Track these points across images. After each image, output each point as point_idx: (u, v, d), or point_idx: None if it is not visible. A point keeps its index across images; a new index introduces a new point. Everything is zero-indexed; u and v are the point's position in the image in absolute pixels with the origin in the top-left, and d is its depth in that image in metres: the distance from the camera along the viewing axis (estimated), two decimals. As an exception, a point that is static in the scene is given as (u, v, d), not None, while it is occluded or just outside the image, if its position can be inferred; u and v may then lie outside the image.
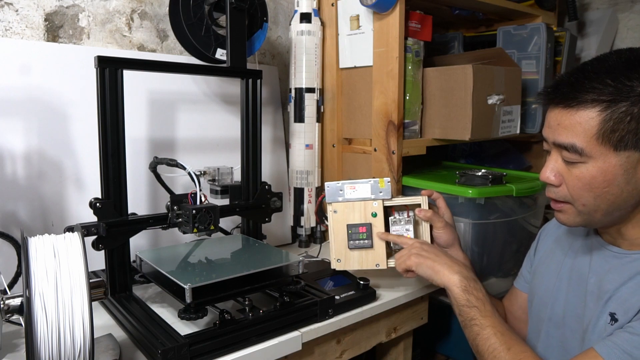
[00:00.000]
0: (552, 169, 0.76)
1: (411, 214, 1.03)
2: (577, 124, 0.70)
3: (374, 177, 1.03)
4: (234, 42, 1.11)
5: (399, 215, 1.03)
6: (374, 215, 1.02)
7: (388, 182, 1.01)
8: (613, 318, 0.73)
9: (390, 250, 1.06)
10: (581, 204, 0.74)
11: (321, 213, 1.34)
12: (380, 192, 1.01)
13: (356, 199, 1.02)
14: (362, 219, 1.02)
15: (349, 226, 1.02)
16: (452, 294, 0.88)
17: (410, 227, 1.02)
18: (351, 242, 1.02)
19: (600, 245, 0.82)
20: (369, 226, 1.02)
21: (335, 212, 1.03)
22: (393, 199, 1.02)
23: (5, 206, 1.04)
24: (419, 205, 1.02)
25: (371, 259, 1.02)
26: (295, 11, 1.38)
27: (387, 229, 1.03)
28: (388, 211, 1.04)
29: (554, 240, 0.94)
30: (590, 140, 0.69)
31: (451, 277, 0.88)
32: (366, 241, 1.02)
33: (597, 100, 0.68)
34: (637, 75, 0.67)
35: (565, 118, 0.72)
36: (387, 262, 1.03)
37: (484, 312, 0.83)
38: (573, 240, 0.89)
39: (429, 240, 1.02)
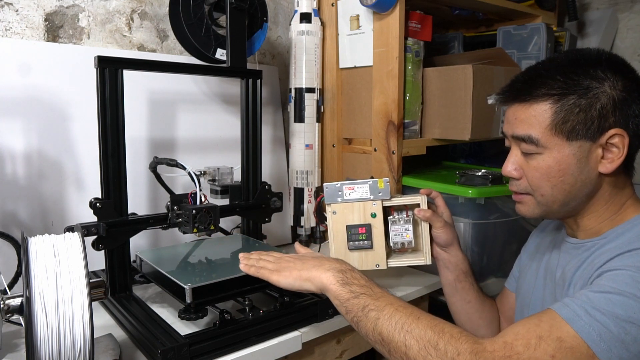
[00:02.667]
0: (512, 163, 0.80)
1: (410, 213, 1.03)
2: (532, 116, 0.75)
3: (373, 177, 1.02)
4: (234, 42, 1.11)
5: (398, 215, 1.02)
6: (374, 215, 1.01)
7: (387, 182, 1.00)
8: None
9: (390, 250, 1.06)
10: (540, 194, 0.78)
11: (320, 213, 1.34)
12: (379, 193, 1.00)
13: (355, 199, 1.01)
14: (362, 219, 1.01)
15: (349, 227, 1.02)
16: (333, 294, 0.77)
17: (410, 226, 1.02)
18: (351, 243, 1.02)
19: (563, 239, 0.85)
20: (368, 227, 1.01)
21: (334, 213, 1.02)
22: (392, 199, 1.01)
23: (5, 206, 1.04)
24: (418, 205, 1.02)
25: (371, 260, 1.02)
26: (295, 11, 1.38)
27: (386, 229, 1.03)
28: (387, 211, 1.03)
29: (538, 242, 0.96)
30: (544, 131, 0.74)
31: (323, 276, 0.78)
32: (366, 242, 1.01)
33: (548, 94, 0.74)
34: (582, 71, 0.73)
35: (521, 112, 0.77)
36: (386, 262, 1.03)
37: (375, 294, 0.74)
38: (549, 238, 0.92)
39: (428, 239, 1.02)
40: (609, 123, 0.72)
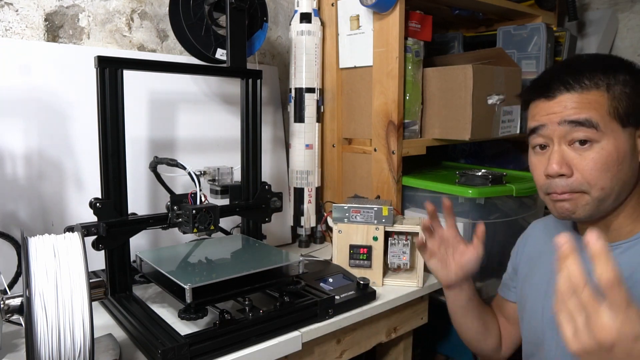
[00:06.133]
0: (558, 160, 0.75)
1: (409, 238, 1.11)
2: (588, 102, 0.73)
3: (379, 197, 1.11)
4: (234, 42, 1.11)
5: (398, 238, 1.11)
6: (375, 239, 1.10)
7: (391, 210, 1.09)
8: None
9: (387, 268, 1.14)
10: (599, 188, 0.73)
11: (327, 225, 1.42)
12: (383, 219, 1.09)
13: (360, 222, 1.10)
14: (364, 240, 1.11)
15: (352, 246, 1.11)
16: None
17: (407, 249, 1.11)
18: (352, 260, 1.11)
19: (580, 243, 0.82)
20: (369, 248, 1.10)
21: (340, 232, 1.12)
22: (394, 225, 1.10)
23: (5, 206, 1.04)
24: (416, 234, 1.09)
25: (369, 277, 1.08)
26: (295, 11, 1.38)
27: (385, 247, 1.11)
28: (388, 233, 1.12)
29: (542, 244, 0.93)
30: (604, 116, 0.73)
31: None
32: (366, 262, 1.11)
33: (597, 84, 0.74)
34: (616, 66, 0.75)
35: (572, 101, 0.74)
36: (382, 280, 1.12)
37: None
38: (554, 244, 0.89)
39: (422, 265, 1.09)
40: None
